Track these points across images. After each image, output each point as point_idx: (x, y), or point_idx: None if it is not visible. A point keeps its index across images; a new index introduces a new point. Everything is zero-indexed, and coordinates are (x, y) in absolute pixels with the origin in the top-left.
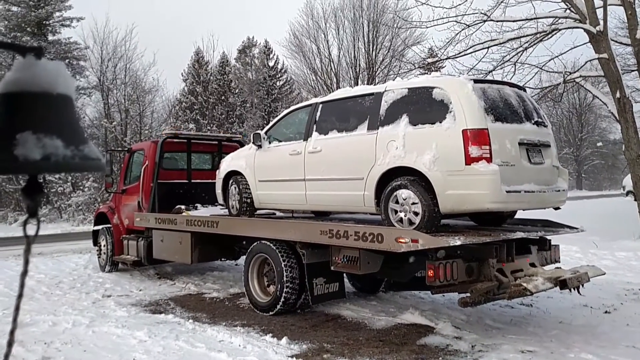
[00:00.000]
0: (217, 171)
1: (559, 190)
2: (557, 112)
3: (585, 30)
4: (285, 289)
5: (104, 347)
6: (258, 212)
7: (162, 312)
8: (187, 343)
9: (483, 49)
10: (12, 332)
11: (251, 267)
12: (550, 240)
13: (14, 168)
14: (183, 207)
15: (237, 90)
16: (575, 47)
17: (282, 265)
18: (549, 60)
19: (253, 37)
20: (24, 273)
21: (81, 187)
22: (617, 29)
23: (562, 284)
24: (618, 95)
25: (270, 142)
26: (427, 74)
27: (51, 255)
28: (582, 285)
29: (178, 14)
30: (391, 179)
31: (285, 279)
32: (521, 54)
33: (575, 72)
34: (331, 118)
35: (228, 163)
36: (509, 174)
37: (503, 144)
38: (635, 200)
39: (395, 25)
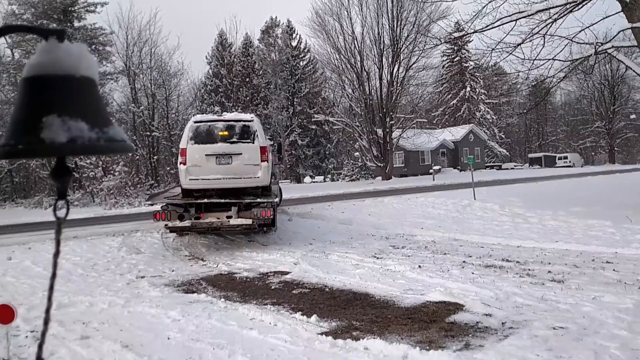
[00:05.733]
0: None
1: (243, 177)
2: (588, 85)
3: None
4: None
5: (139, 327)
6: None
7: (195, 292)
8: (220, 321)
9: (511, 21)
10: (47, 310)
11: None
12: (244, 203)
13: (42, 151)
14: None
15: (261, 72)
16: (607, 17)
17: None
18: (580, 31)
19: (276, 17)
20: (56, 253)
21: (112, 172)
22: None
23: (211, 227)
24: None
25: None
26: (455, 49)
27: (85, 238)
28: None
29: None
30: None
31: None
32: (550, 26)
33: (607, 42)
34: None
35: None
36: (196, 171)
37: (195, 155)
38: None
39: (420, 0)
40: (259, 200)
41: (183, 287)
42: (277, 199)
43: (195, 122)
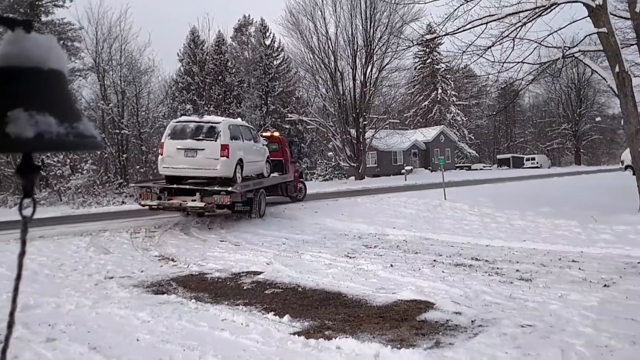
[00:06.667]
0: None
1: (203, 169)
2: (555, 88)
3: (584, 4)
4: None
5: (107, 328)
6: None
7: (165, 293)
8: (190, 322)
9: (482, 24)
10: (11, 314)
11: None
12: (207, 190)
13: (7, 146)
14: None
15: (233, 70)
16: (574, 22)
17: None
18: (548, 35)
19: (249, 16)
20: (22, 254)
21: (80, 170)
22: (617, 2)
23: (172, 206)
24: (617, 69)
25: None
26: (427, 51)
27: (52, 238)
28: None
29: None
30: None
31: None
32: (520, 29)
33: (574, 47)
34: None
35: None
36: (169, 161)
37: (169, 148)
38: (634, 174)
39: (393, 1)
40: (216, 188)
41: (153, 288)
42: (232, 188)
43: (175, 122)
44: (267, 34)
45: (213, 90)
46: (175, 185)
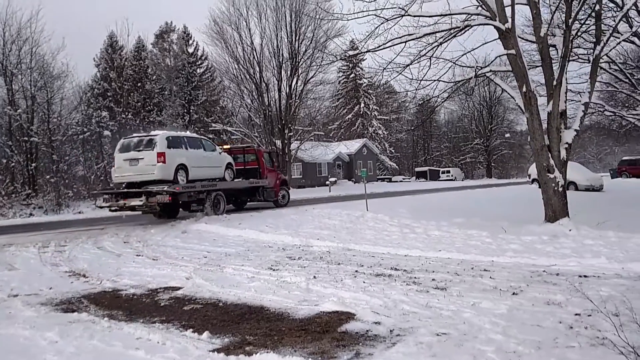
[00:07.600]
0: None
1: (144, 174)
2: (469, 105)
3: (495, 27)
4: None
5: (11, 351)
6: None
7: (75, 311)
8: (103, 342)
9: (401, 43)
10: None
11: None
12: (151, 191)
13: None
14: None
15: (154, 77)
16: (486, 43)
17: None
18: (462, 55)
19: (171, 23)
20: None
21: None
22: (524, 26)
23: (119, 206)
24: (524, 89)
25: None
26: (350, 66)
27: None
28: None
29: None
30: None
31: None
32: (436, 49)
33: (486, 67)
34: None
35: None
36: (119, 170)
37: (118, 161)
38: (539, 187)
39: (317, 16)
40: (155, 189)
41: (62, 306)
42: (168, 188)
43: (123, 138)
44: (190, 41)
45: (131, 97)
46: (126, 190)
